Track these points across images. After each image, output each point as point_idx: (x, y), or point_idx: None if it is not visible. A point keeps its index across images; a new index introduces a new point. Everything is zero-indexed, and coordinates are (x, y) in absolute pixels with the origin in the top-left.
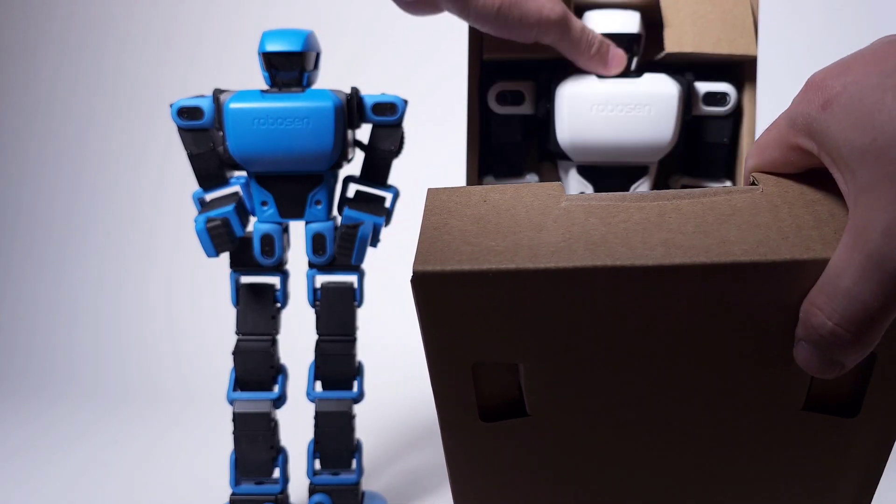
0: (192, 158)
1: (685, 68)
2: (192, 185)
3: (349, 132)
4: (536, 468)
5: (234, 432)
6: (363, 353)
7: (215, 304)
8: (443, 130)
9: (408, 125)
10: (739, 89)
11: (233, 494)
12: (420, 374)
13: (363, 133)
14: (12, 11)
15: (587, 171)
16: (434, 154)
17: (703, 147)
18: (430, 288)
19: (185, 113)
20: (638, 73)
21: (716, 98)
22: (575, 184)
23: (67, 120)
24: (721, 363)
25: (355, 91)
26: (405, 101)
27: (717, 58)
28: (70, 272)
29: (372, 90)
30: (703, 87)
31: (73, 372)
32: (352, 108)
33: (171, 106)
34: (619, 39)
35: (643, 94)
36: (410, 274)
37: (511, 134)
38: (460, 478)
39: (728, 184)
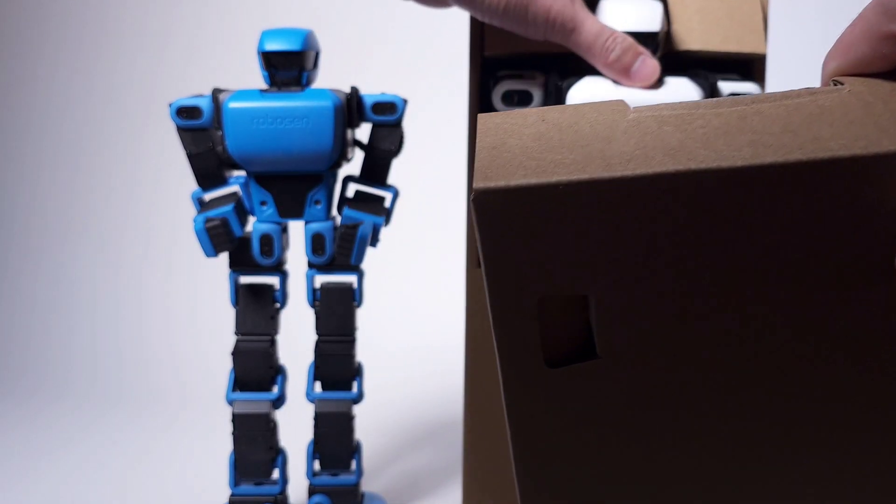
0: (191, 158)
1: (701, 65)
2: (191, 184)
3: (349, 132)
4: (609, 419)
5: (234, 433)
6: (363, 353)
7: (214, 304)
8: (443, 129)
9: (408, 124)
10: None
11: (232, 495)
12: (420, 375)
13: (363, 132)
14: (9, 10)
15: None
16: (434, 153)
17: None
18: (493, 207)
19: (184, 112)
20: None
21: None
22: None
23: (65, 119)
24: (819, 281)
25: (355, 90)
26: (405, 101)
27: (725, 56)
28: (68, 272)
29: (371, 89)
30: (726, 87)
31: (72, 372)
32: (351, 107)
33: (169, 105)
34: (638, 39)
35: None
36: (410, 274)
37: None
38: (523, 433)
39: None
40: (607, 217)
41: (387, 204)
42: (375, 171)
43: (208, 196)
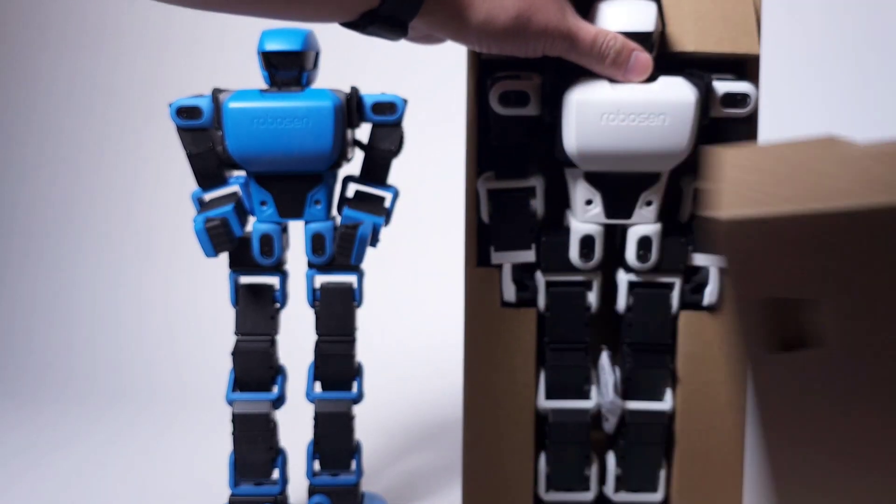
0: (191, 158)
1: (696, 66)
2: (191, 184)
3: (348, 132)
4: (845, 403)
5: (234, 433)
6: (363, 353)
7: (214, 304)
8: (443, 129)
9: (407, 124)
10: None
11: (232, 495)
12: (420, 375)
13: (363, 132)
14: (10, 11)
15: (596, 179)
16: (434, 153)
17: None
18: (736, 233)
19: (184, 112)
20: (652, 75)
21: (735, 99)
22: (582, 191)
23: (66, 119)
24: None
25: (355, 90)
26: (405, 101)
27: (720, 56)
28: (68, 272)
29: (371, 89)
30: (721, 87)
31: (73, 373)
32: (351, 107)
33: (169, 105)
34: (633, 39)
35: (658, 102)
36: (410, 274)
37: (514, 135)
38: (774, 419)
39: None
40: (833, 243)
41: (387, 204)
42: (375, 171)
43: (208, 196)
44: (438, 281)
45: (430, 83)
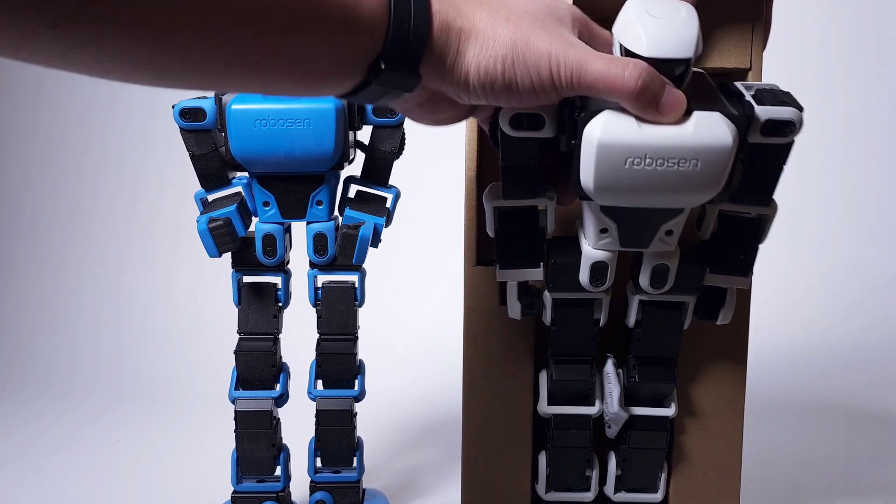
0: (195, 159)
1: (730, 88)
2: (195, 185)
3: (350, 133)
4: None
5: (236, 430)
6: (364, 351)
7: (217, 303)
8: (443, 130)
9: (408, 126)
10: None
11: (234, 492)
12: (420, 373)
13: (364, 134)
14: None
15: (613, 210)
16: (434, 154)
17: (752, 175)
18: None
19: (188, 114)
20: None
21: (777, 127)
22: (597, 220)
23: (69, 120)
24: None
25: None
26: None
27: (710, 70)
28: (73, 273)
29: None
30: (764, 113)
31: (78, 371)
32: (353, 109)
33: (173, 107)
34: (671, 66)
35: (691, 147)
36: (410, 274)
37: (526, 157)
38: None
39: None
40: None
41: (388, 205)
42: (377, 172)
43: (212, 197)
44: (438, 280)
45: None
